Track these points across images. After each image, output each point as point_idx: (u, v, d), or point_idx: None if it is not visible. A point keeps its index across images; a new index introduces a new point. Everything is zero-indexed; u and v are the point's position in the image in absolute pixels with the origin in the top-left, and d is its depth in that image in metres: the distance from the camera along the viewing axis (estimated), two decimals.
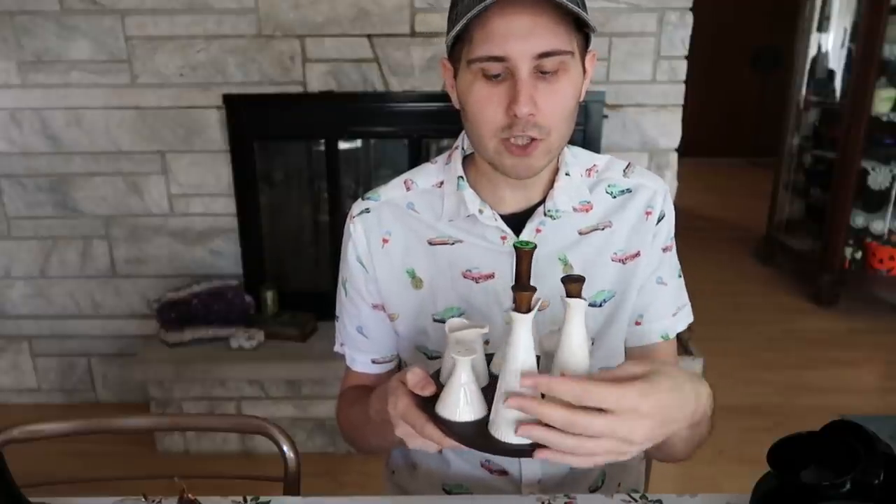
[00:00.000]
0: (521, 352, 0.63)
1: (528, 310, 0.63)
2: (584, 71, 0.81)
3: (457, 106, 0.84)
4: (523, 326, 0.63)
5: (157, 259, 2.43)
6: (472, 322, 0.71)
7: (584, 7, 0.77)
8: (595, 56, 0.84)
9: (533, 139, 0.77)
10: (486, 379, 0.72)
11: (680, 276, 0.98)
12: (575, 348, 0.65)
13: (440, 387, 0.70)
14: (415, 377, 0.69)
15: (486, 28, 0.74)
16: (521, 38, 0.73)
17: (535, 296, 0.64)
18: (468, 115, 0.81)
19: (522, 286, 0.64)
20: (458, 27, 0.74)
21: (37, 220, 2.39)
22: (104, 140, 2.29)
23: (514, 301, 0.63)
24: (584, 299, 0.65)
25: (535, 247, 0.66)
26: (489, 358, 0.76)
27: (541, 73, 0.75)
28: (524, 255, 0.66)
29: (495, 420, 0.65)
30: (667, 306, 0.95)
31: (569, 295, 0.64)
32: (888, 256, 3.30)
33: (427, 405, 0.69)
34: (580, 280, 0.64)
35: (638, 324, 0.94)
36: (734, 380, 2.70)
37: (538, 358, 0.73)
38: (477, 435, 0.65)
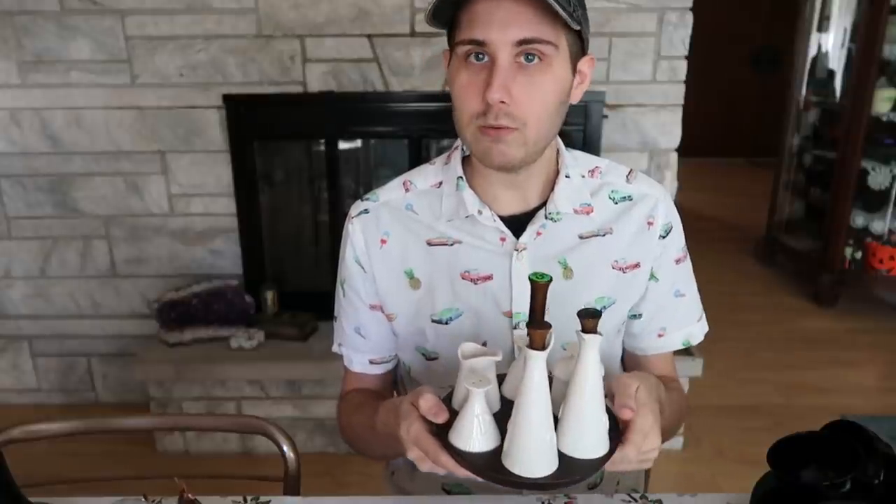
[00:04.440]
0: (534, 391, 0.62)
1: (543, 347, 0.62)
2: (577, 73, 0.81)
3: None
4: (538, 364, 0.62)
5: (157, 259, 2.43)
6: (484, 349, 0.70)
7: (581, 6, 0.77)
8: (593, 60, 0.84)
9: (506, 127, 0.77)
10: (499, 404, 0.71)
11: (695, 285, 0.99)
12: (591, 381, 0.64)
13: (452, 412, 0.69)
14: (427, 403, 0.68)
15: (470, 12, 0.76)
16: (502, 24, 0.74)
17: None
18: (453, 101, 0.82)
19: (537, 323, 0.62)
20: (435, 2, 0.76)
21: (37, 220, 2.39)
22: (104, 140, 2.29)
23: (529, 338, 0.62)
24: (600, 334, 0.63)
25: (551, 279, 0.64)
26: (500, 378, 0.74)
27: (522, 63, 0.76)
28: (539, 289, 0.64)
29: (510, 451, 0.65)
30: (688, 315, 0.98)
31: (584, 330, 0.63)
32: (888, 256, 3.30)
33: (440, 431, 0.68)
34: (597, 315, 0.63)
35: (661, 336, 0.97)
36: (734, 380, 2.70)
37: (551, 380, 0.73)
38: (490, 467, 0.65)
